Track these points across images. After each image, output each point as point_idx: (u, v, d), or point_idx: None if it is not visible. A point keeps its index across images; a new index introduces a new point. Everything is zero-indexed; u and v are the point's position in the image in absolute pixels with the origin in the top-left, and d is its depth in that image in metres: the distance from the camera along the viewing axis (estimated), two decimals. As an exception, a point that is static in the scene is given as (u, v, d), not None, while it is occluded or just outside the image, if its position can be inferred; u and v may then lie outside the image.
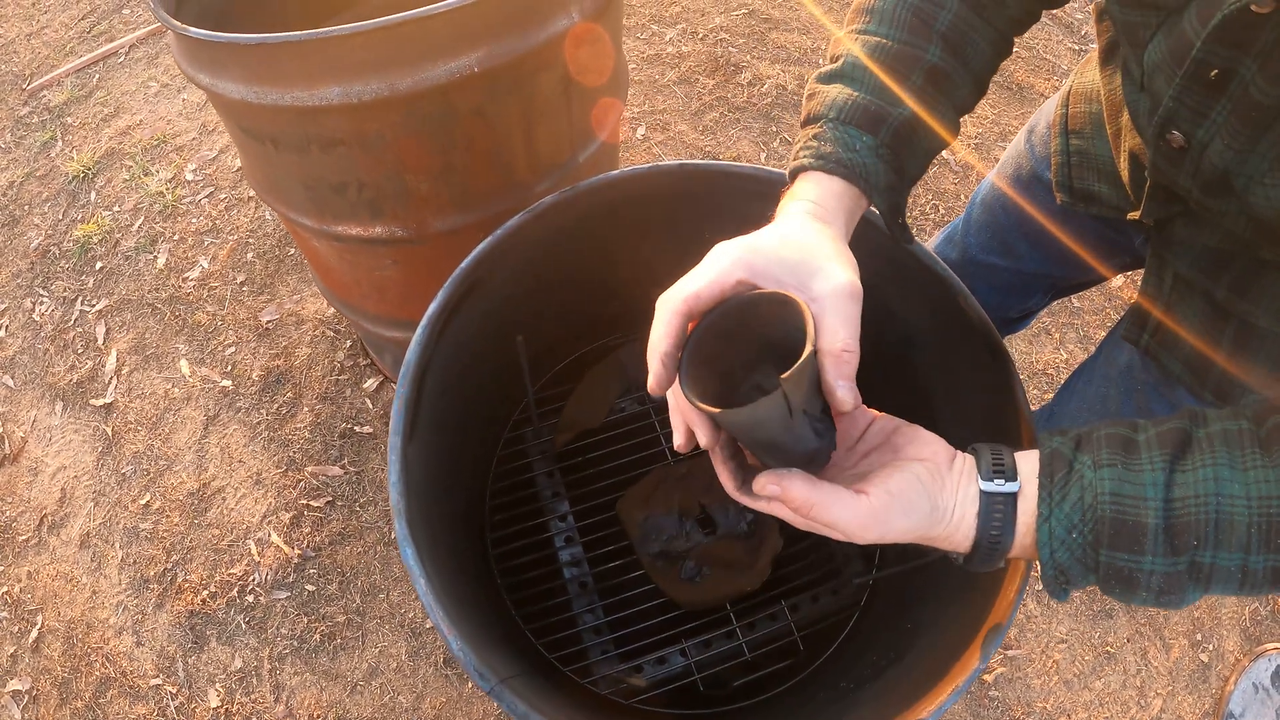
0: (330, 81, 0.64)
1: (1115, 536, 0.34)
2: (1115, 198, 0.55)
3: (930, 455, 0.37)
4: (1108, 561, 0.34)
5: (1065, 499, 0.35)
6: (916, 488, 0.35)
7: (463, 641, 0.39)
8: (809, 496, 0.35)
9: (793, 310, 0.35)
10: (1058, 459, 0.36)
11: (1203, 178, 0.39)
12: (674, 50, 1.74)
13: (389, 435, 0.45)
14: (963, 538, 0.36)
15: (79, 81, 1.77)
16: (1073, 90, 0.59)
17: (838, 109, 0.44)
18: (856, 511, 0.35)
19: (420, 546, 0.43)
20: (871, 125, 0.43)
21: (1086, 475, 0.35)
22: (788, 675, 0.66)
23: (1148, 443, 0.35)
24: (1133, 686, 1.06)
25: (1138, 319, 0.54)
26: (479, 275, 0.54)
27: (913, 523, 0.35)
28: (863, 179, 0.43)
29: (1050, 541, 0.35)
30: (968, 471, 0.37)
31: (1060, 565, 0.35)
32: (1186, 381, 0.53)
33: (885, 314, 0.63)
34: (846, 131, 0.43)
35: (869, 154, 0.43)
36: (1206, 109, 0.36)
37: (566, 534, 0.69)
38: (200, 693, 1.06)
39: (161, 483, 1.21)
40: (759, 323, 0.36)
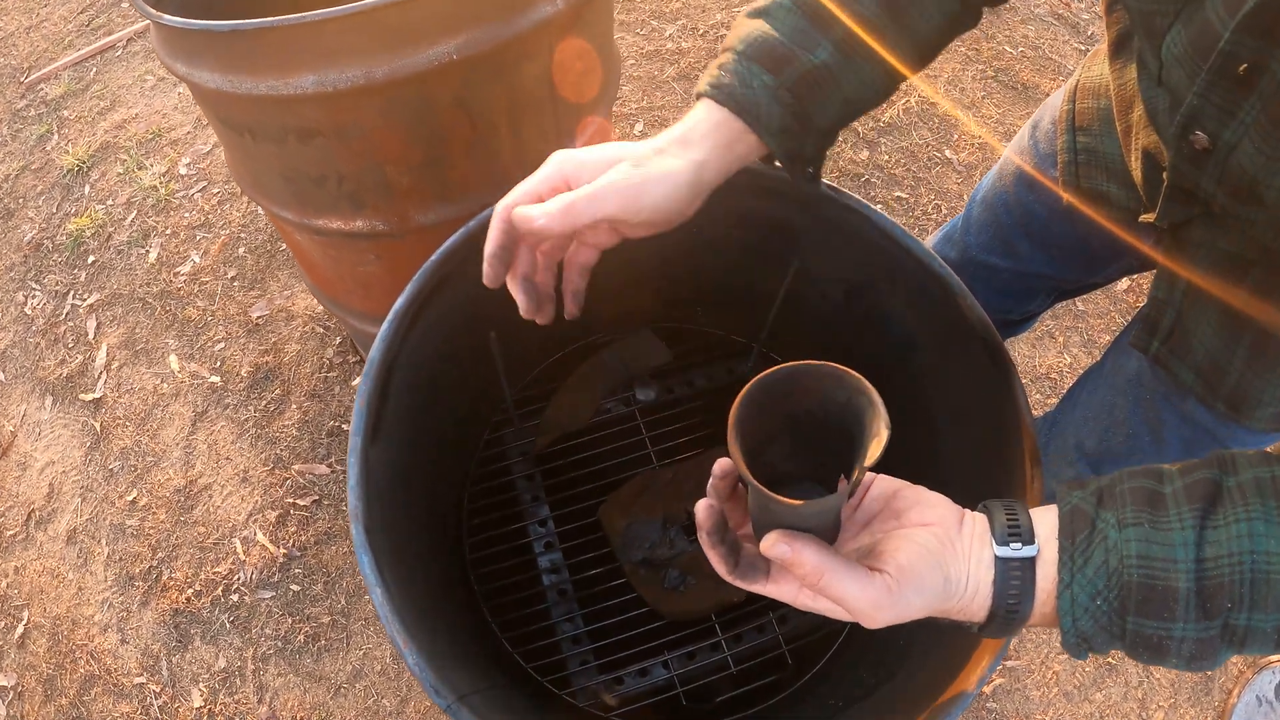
0: (305, 70, 0.62)
1: (1143, 603, 0.31)
2: (1125, 198, 0.52)
3: (937, 520, 0.34)
4: (1135, 629, 0.31)
5: (1088, 563, 0.32)
6: (927, 560, 0.32)
7: (419, 656, 0.37)
8: (820, 563, 0.31)
9: (839, 386, 0.32)
10: (1079, 517, 0.33)
11: (1229, 182, 0.36)
12: (674, 46, 1.71)
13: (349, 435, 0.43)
14: (978, 608, 0.33)
15: (76, 75, 1.76)
16: (1080, 85, 0.56)
17: (746, 44, 0.42)
18: (868, 589, 0.32)
19: (379, 555, 0.40)
20: (775, 66, 0.42)
21: (1111, 536, 0.32)
22: (774, 690, 0.63)
23: (1175, 496, 0.32)
24: (1134, 699, 1.03)
25: (1147, 325, 0.51)
26: (450, 269, 0.52)
27: (925, 600, 0.32)
28: (752, 116, 0.41)
29: (1073, 609, 0.32)
30: (979, 535, 0.34)
31: (1083, 633, 0.32)
32: (1198, 391, 0.50)
33: (882, 314, 0.61)
34: (749, 67, 0.42)
35: (764, 93, 0.41)
36: (1234, 107, 0.33)
37: (546, 540, 0.67)
38: (184, 692, 1.04)
39: (149, 479, 1.20)
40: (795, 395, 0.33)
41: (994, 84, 1.66)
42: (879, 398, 0.31)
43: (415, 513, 0.54)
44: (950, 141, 1.56)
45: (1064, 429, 0.65)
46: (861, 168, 1.52)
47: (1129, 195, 0.52)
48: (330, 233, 0.79)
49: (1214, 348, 0.47)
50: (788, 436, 0.35)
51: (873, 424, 0.31)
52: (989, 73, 1.68)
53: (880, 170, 1.52)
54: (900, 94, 1.63)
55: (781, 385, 0.33)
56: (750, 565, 0.35)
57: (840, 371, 0.32)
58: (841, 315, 0.64)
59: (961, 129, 1.58)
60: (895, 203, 1.47)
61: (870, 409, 0.31)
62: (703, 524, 0.34)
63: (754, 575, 0.35)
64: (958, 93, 1.64)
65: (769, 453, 0.35)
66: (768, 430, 0.34)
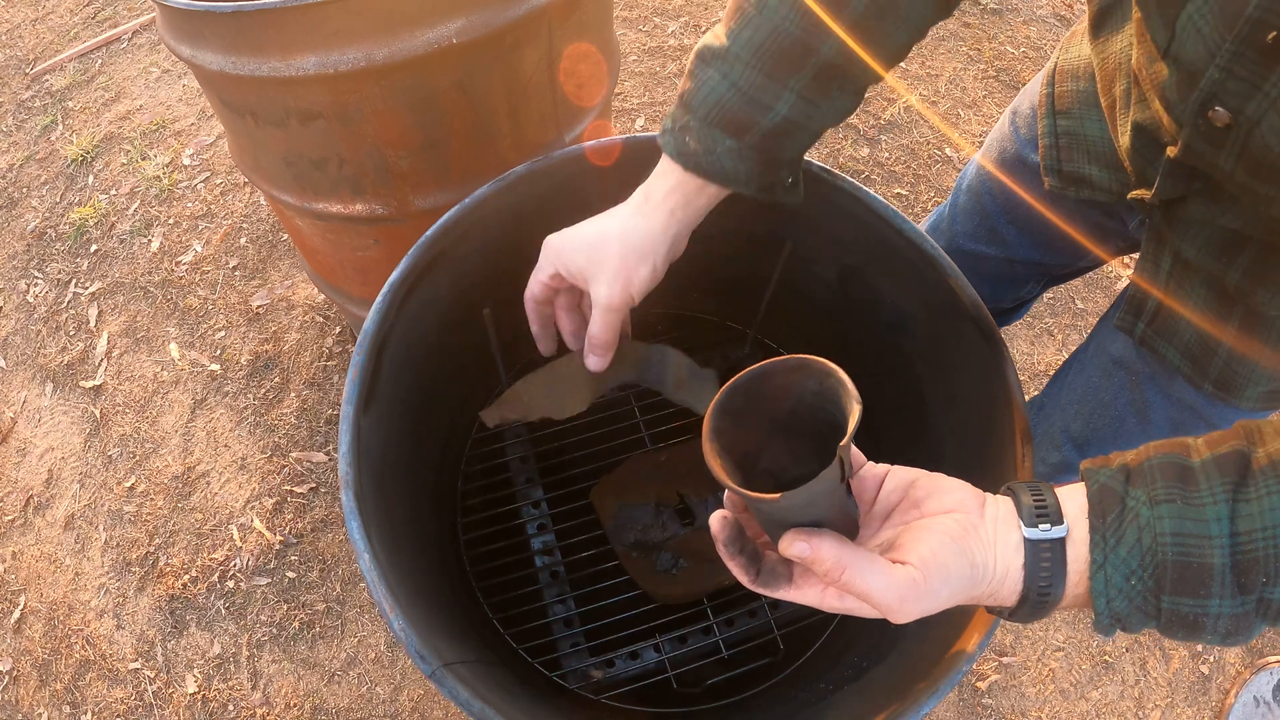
0: (306, 51, 0.62)
1: (1179, 581, 0.30)
2: (1107, 180, 0.51)
3: (957, 505, 0.33)
4: (1171, 608, 0.31)
5: (1121, 542, 0.31)
6: (951, 548, 0.32)
7: (405, 622, 0.37)
8: (840, 557, 0.31)
9: (808, 375, 0.32)
10: (1108, 496, 0.32)
11: (1251, 158, 0.34)
12: (676, 43, 1.72)
13: (342, 404, 0.43)
14: (1008, 593, 0.32)
15: (81, 66, 1.78)
16: (1058, 68, 0.56)
17: (707, 107, 0.43)
18: (893, 581, 0.31)
19: (368, 521, 0.41)
20: (736, 130, 0.43)
21: (1143, 514, 0.31)
22: (766, 675, 0.63)
23: (1205, 470, 0.32)
24: (1131, 697, 1.03)
25: (1132, 306, 0.51)
26: (445, 245, 0.52)
27: (953, 589, 0.31)
28: (719, 177, 0.44)
29: (1106, 590, 0.31)
30: (1004, 517, 0.33)
31: (1118, 614, 0.32)
32: (1186, 372, 0.50)
33: (874, 297, 0.61)
34: (710, 134, 0.43)
35: (729, 157, 0.44)
36: (1260, 80, 0.31)
37: (539, 521, 0.67)
38: (178, 678, 1.04)
39: (147, 466, 1.21)
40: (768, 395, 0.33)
41: (995, 83, 1.67)
42: (845, 375, 0.31)
43: (407, 488, 0.54)
44: (950, 140, 1.56)
45: (1051, 413, 0.65)
46: (862, 164, 1.52)
47: (1111, 177, 0.51)
48: (330, 216, 0.80)
49: (1202, 328, 0.47)
50: (782, 438, 0.35)
51: (845, 402, 0.31)
52: (990, 72, 1.68)
53: (880, 167, 1.52)
54: (901, 93, 1.63)
55: (751, 386, 0.33)
56: (772, 572, 0.34)
57: (802, 360, 0.32)
58: (835, 298, 0.64)
59: (962, 127, 1.59)
60: (895, 199, 1.48)
61: (841, 388, 0.31)
62: (718, 535, 0.34)
63: (777, 582, 0.34)
64: (959, 92, 1.65)
65: (767, 458, 0.35)
66: (756, 436, 0.34)
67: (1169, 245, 0.47)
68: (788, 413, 0.34)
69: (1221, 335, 0.46)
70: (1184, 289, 0.47)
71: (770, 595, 0.34)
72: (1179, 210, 0.44)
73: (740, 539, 0.34)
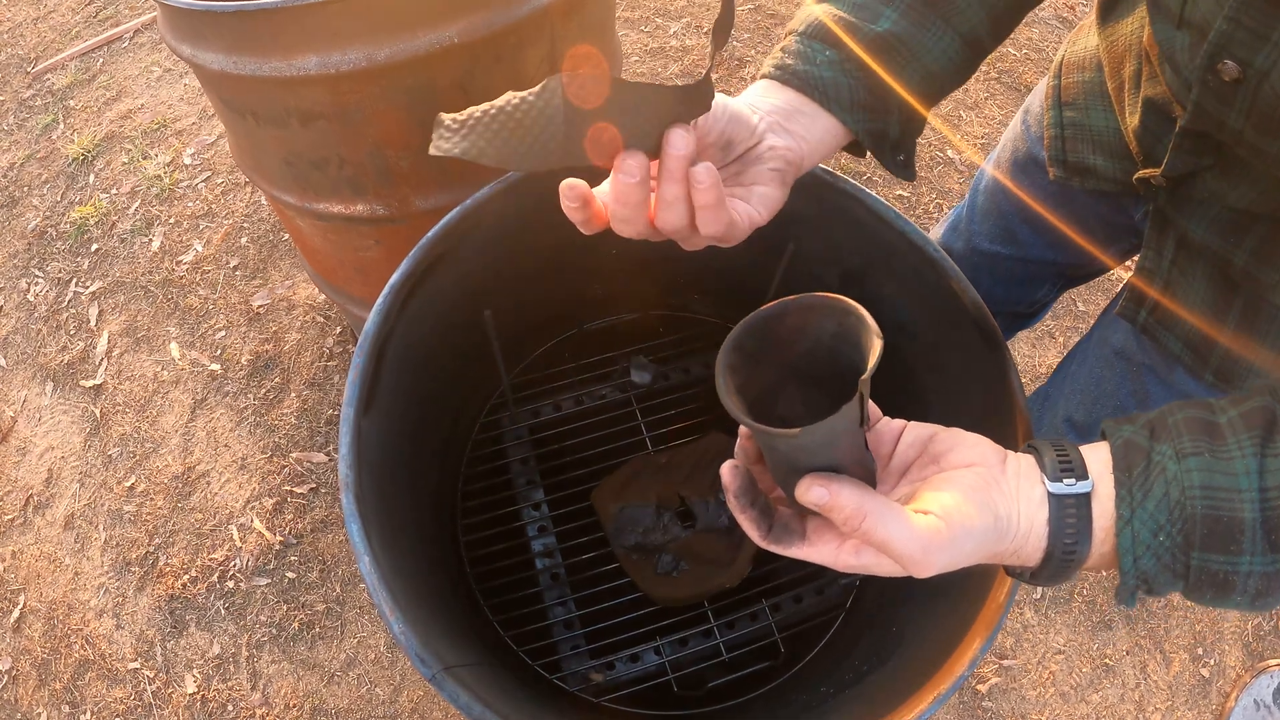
0: (308, 51, 0.62)
1: (1209, 536, 0.29)
2: (1111, 169, 0.52)
3: (979, 459, 0.32)
4: (1200, 565, 0.30)
5: (1148, 496, 0.30)
6: (974, 499, 0.30)
7: (405, 625, 0.37)
8: (860, 504, 0.29)
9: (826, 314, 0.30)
10: (1133, 450, 0.31)
11: (1260, 113, 0.33)
12: (678, 44, 1.72)
13: (342, 406, 0.43)
14: (1033, 549, 0.31)
15: (83, 65, 1.78)
16: (1065, 61, 0.56)
17: (808, 24, 0.41)
18: (916, 531, 0.29)
19: (369, 524, 0.40)
20: (837, 41, 0.40)
21: (1170, 467, 0.30)
22: (766, 678, 0.63)
23: (1231, 425, 0.31)
24: (1131, 700, 1.03)
25: (1135, 294, 0.51)
26: (446, 248, 0.52)
27: (976, 543, 0.30)
28: (818, 91, 0.39)
29: (1134, 547, 0.30)
30: (1025, 472, 0.32)
31: (1145, 573, 0.30)
32: (1186, 361, 0.50)
33: (877, 299, 0.61)
34: (810, 45, 0.40)
35: (829, 68, 0.40)
36: (1268, 29, 0.31)
37: (540, 523, 0.67)
38: (178, 678, 1.04)
39: (147, 465, 1.20)
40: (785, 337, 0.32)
41: (997, 85, 1.66)
42: (865, 311, 0.29)
43: (407, 489, 0.54)
44: (952, 141, 1.56)
45: (1054, 403, 0.65)
46: (864, 166, 1.52)
47: (1116, 166, 0.51)
48: (331, 217, 0.80)
49: (1204, 316, 0.47)
50: (798, 384, 0.33)
51: (865, 337, 0.29)
52: (992, 74, 1.68)
53: (882, 168, 1.52)
54: (903, 94, 1.63)
55: (766, 326, 0.31)
56: (784, 528, 0.33)
57: (819, 298, 0.30)
58: (838, 302, 0.64)
59: (964, 129, 1.58)
60: (897, 201, 1.48)
61: (861, 325, 0.29)
62: (729, 485, 0.32)
63: (789, 538, 0.33)
64: (961, 93, 1.64)
65: (782, 404, 0.33)
66: (768, 382, 0.32)
67: (1172, 230, 0.47)
68: (804, 355, 0.32)
69: (1222, 324, 0.46)
70: (1186, 276, 0.47)
71: (783, 553, 0.32)
72: (1187, 189, 0.44)
73: (752, 490, 0.32)
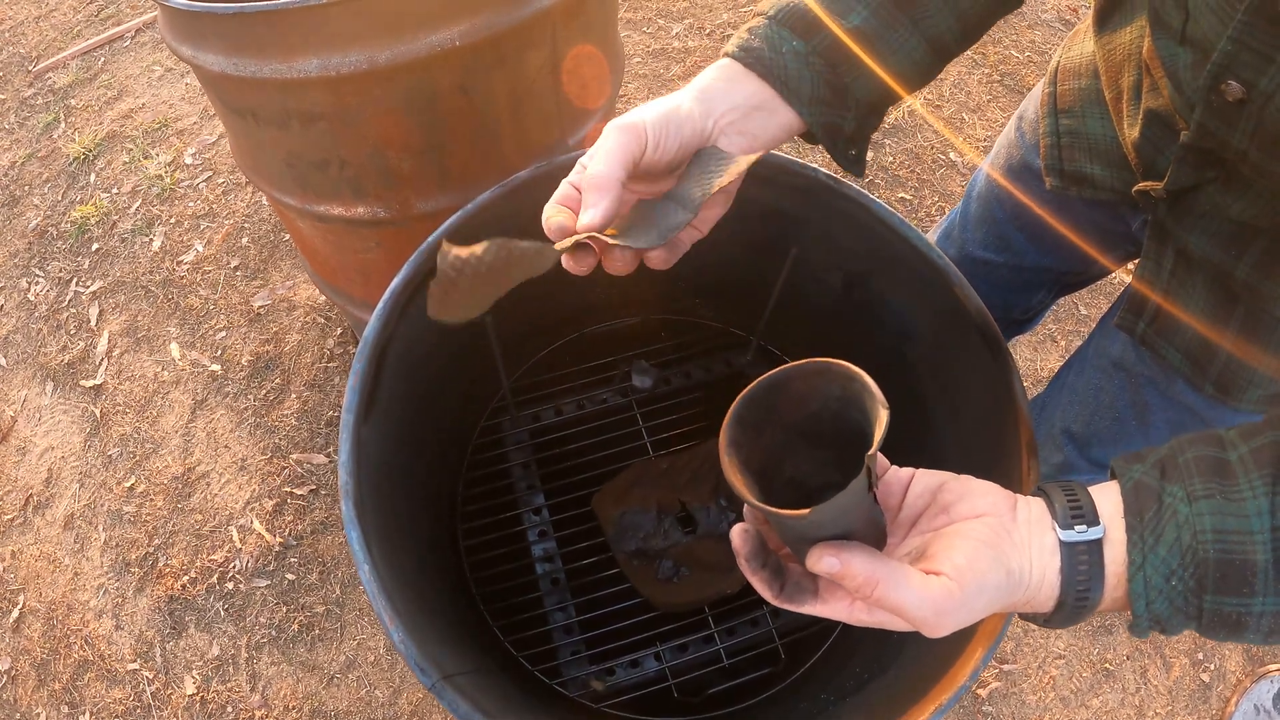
0: (309, 53, 0.62)
1: (1222, 579, 0.29)
2: (1109, 178, 0.51)
3: (989, 509, 0.32)
4: (1213, 608, 0.30)
5: (1160, 541, 0.30)
6: (985, 555, 0.30)
7: (405, 634, 0.37)
8: (872, 571, 0.29)
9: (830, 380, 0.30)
10: (1144, 493, 0.31)
11: (1264, 134, 0.33)
12: (680, 45, 1.72)
13: (342, 413, 0.43)
14: (1045, 598, 0.31)
15: (84, 64, 1.77)
16: (1060, 67, 0.55)
17: (778, 8, 0.40)
18: (929, 595, 0.29)
19: (368, 532, 0.40)
20: (805, 31, 0.39)
21: (1181, 510, 0.30)
22: (767, 684, 0.63)
23: (1242, 463, 0.31)
24: (1131, 705, 1.03)
25: (1133, 305, 0.50)
26: (447, 252, 0.52)
27: (989, 598, 0.30)
28: (780, 81, 0.39)
29: (1146, 592, 0.30)
30: (1036, 520, 0.32)
31: (1157, 616, 0.30)
32: (1186, 373, 0.49)
33: (879, 305, 0.60)
34: (778, 32, 0.39)
35: (794, 59, 0.39)
36: (1273, 52, 0.30)
37: (540, 528, 0.66)
38: (177, 679, 1.04)
39: (147, 466, 1.20)
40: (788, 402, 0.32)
41: (1000, 88, 1.66)
42: (869, 379, 0.30)
43: (407, 495, 0.53)
44: (954, 144, 1.56)
45: (1051, 412, 0.65)
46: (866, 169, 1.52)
47: (1113, 175, 0.50)
48: (332, 219, 0.80)
49: (1203, 327, 0.46)
50: (804, 446, 0.33)
51: (871, 407, 0.29)
52: (995, 76, 1.68)
53: (885, 171, 1.52)
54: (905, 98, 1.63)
55: (769, 396, 0.31)
56: (797, 587, 0.33)
57: (823, 365, 0.31)
58: (839, 306, 0.64)
59: (966, 132, 1.58)
60: (899, 204, 1.47)
61: (865, 393, 0.30)
62: (740, 549, 0.32)
63: (802, 597, 0.33)
64: (964, 96, 1.64)
65: (789, 467, 0.33)
66: (775, 446, 0.33)
67: (1172, 242, 0.46)
68: (809, 419, 0.32)
69: (1222, 336, 0.46)
70: (1185, 287, 0.47)
71: (795, 610, 0.33)
72: (1188, 202, 0.43)
73: (763, 553, 0.32)
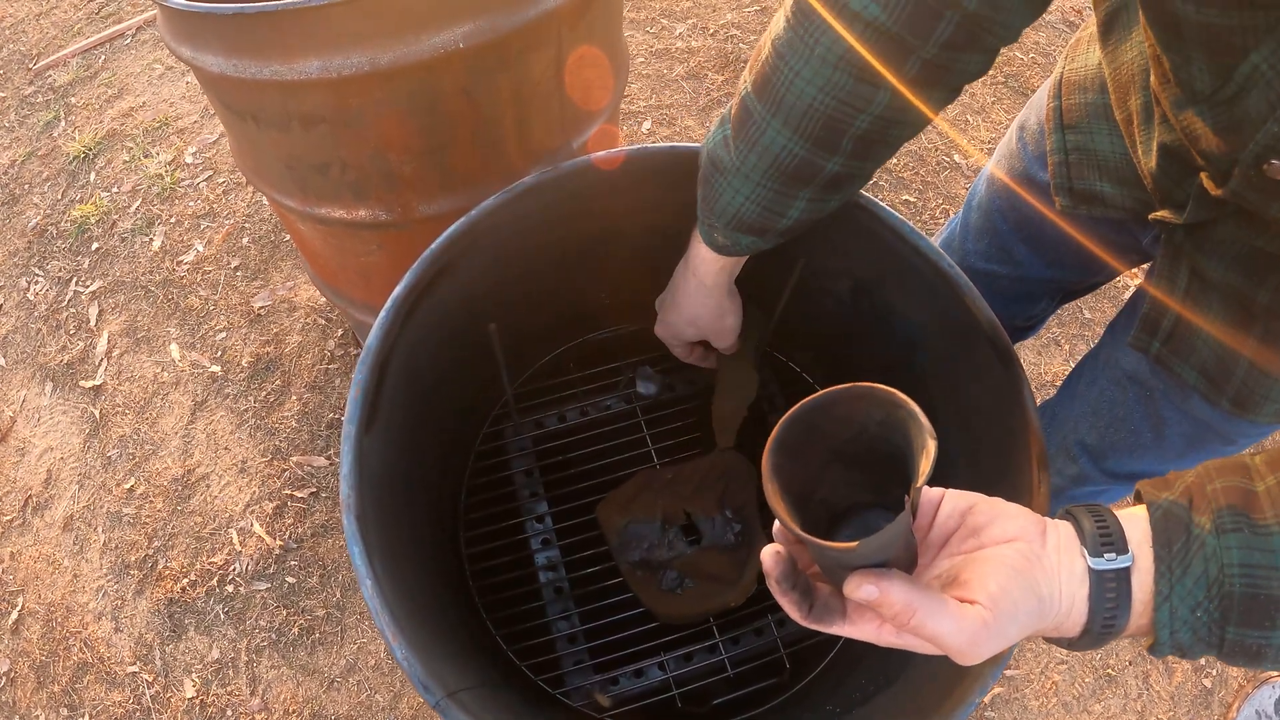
0: (310, 55, 0.61)
1: (1246, 613, 0.30)
2: (1120, 196, 0.50)
3: (1019, 533, 0.32)
4: (1235, 639, 0.30)
5: (1187, 573, 0.30)
6: (1018, 583, 0.30)
7: (409, 650, 0.36)
8: (910, 600, 0.29)
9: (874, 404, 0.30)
10: (1173, 523, 0.31)
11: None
12: (683, 45, 1.71)
13: (344, 423, 0.42)
14: (1073, 624, 0.31)
15: (84, 62, 1.76)
16: (1064, 79, 0.54)
17: (727, 217, 0.50)
18: (964, 624, 0.29)
19: (370, 546, 0.40)
20: (758, 232, 0.50)
21: (1209, 543, 0.30)
22: (771, 695, 0.62)
23: (1270, 494, 0.30)
24: (1133, 710, 1.02)
25: (1147, 325, 0.50)
26: (450, 258, 0.51)
27: (1021, 626, 0.30)
28: (751, 253, 0.54)
29: (1171, 622, 0.30)
30: (1066, 545, 0.32)
31: (1180, 644, 0.31)
32: (1202, 389, 0.49)
33: (888, 313, 0.60)
34: (735, 235, 0.51)
35: (755, 246, 0.52)
36: None
37: (544, 536, 0.66)
38: (176, 682, 1.04)
39: (146, 467, 1.20)
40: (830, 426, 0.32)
41: (1004, 89, 1.65)
42: (918, 407, 0.29)
43: (409, 505, 0.53)
44: (959, 146, 1.55)
45: (1063, 422, 0.64)
46: (869, 170, 1.51)
47: (1125, 193, 0.50)
48: (333, 222, 0.79)
49: (1219, 348, 0.46)
50: (839, 467, 0.33)
51: (918, 437, 0.29)
52: (999, 78, 1.67)
53: (888, 173, 1.51)
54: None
55: (812, 418, 0.31)
56: (825, 608, 0.33)
57: (869, 389, 0.30)
58: (847, 314, 0.63)
59: (970, 133, 1.57)
60: (903, 206, 1.46)
61: (912, 421, 0.29)
62: (770, 571, 0.32)
63: (831, 617, 0.33)
64: (967, 97, 1.63)
65: (823, 488, 0.33)
66: (813, 468, 0.33)
67: (1186, 262, 0.46)
68: (848, 441, 0.32)
69: (1239, 353, 0.45)
70: (1201, 306, 0.46)
71: (824, 630, 0.33)
72: (1206, 230, 0.43)
73: (793, 575, 0.32)
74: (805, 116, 0.43)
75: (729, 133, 0.48)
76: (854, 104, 0.43)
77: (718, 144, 0.48)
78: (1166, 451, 0.56)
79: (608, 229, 0.63)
